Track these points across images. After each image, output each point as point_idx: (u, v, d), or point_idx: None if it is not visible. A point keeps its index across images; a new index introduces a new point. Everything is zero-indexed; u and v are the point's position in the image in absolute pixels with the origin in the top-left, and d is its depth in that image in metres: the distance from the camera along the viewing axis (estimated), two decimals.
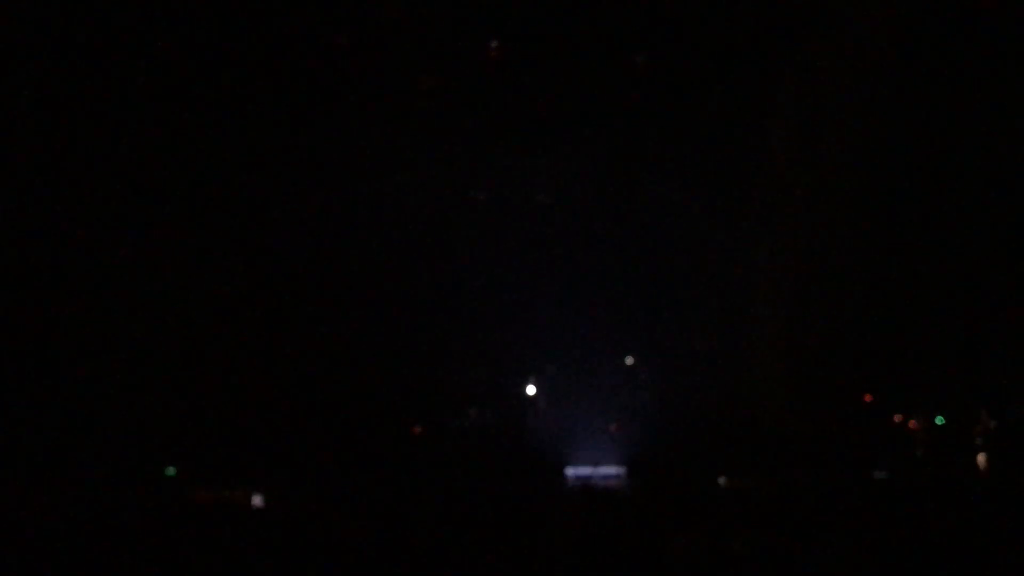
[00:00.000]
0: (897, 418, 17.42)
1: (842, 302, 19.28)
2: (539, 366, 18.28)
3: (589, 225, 19.16)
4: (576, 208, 18.49)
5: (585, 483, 9.20)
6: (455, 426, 16.49)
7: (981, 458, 16.33)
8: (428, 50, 16.61)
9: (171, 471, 14.21)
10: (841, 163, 18.27)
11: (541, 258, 19.78)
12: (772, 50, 17.74)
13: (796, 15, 17.62)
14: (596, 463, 15.43)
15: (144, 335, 15.35)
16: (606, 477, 14.77)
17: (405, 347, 16.94)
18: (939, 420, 17.42)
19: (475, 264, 19.71)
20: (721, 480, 12.01)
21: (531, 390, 18.11)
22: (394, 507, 8.06)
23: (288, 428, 15.51)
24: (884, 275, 18.93)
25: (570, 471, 15.13)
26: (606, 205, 18.61)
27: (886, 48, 17.71)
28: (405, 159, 16.89)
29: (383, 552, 5.88)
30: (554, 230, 18.67)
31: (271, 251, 16.97)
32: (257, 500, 8.77)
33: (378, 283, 18.30)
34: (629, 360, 19.38)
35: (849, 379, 17.99)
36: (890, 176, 18.13)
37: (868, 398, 17.71)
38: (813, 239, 18.78)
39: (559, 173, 17.92)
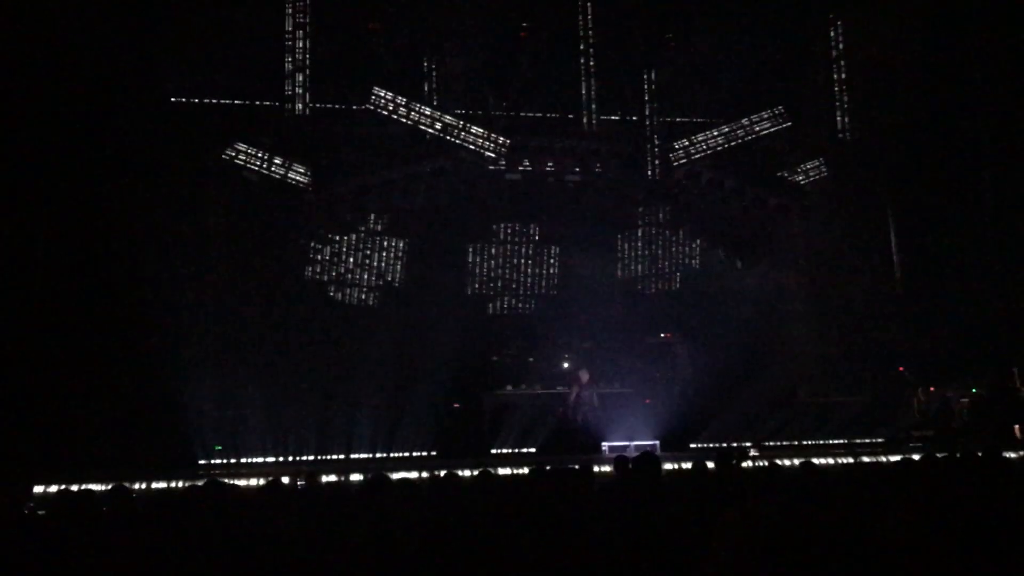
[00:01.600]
0: (931, 389, 17.48)
1: (874, 278, 19.35)
2: (574, 343, 18.50)
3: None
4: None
5: (621, 457, 9.32)
6: (491, 402, 16.70)
7: (1017, 428, 16.38)
8: None
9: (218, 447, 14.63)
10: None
11: (574, 234, 20.04)
12: None
13: None
14: (631, 437, 15.58)
15: None
16: (640, 449, 14.90)
17: (448, 327, 17.21)
18: (974, 391, 17.49)
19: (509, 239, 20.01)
20: (753, 452, 12.17)
21: (565, 366, 18.33)
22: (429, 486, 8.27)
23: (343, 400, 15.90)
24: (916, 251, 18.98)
25: (605, 445, 15.30)
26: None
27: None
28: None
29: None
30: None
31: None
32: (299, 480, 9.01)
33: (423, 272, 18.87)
34: (663, 335, 19.55)
35: (883, 351, 18.09)
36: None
37: (901, 369, 17.79)
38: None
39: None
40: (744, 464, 9.48)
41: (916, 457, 8.41)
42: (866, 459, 12.66)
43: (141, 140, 16.16)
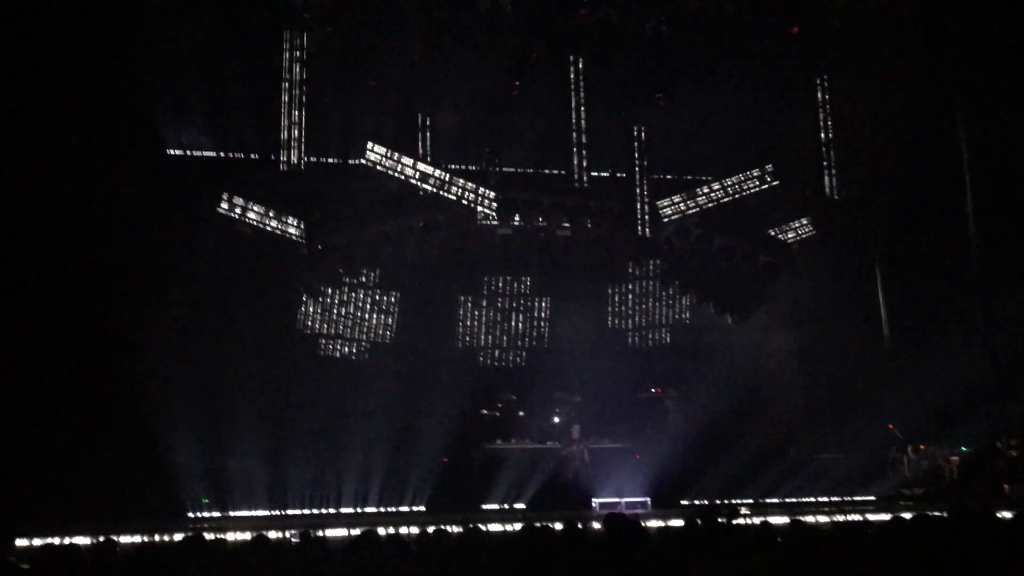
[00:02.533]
0: (921, 447, 17.48)
1: (863, 335, 19.49)
2: (564, 397, 18.49)
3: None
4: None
5: (611, 514, 9.27)
6: (479, 456, 16.61)
7: (1006, 487, 16.37)
8: None
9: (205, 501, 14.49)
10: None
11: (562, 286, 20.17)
12: None
13: None
14: (621, 493, 15.51)
15: None
16: (631, 506, 14.83)
17: (439, 381, 17.25)
18: (963, 449, 17.49)
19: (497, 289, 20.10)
20: (743, 510, 12.12)
21: (556, 420, 18.29)
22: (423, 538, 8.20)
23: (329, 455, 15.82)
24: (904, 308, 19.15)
25: (596, 502, 15.21)
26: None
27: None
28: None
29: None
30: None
31: None
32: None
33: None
34: (654, 390, 19.57)
35: (872, 409, 18.13)
36: None
37: (891, 427, 17.81)
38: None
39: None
40: (735, 521, 9.43)
41: (906, 516, 8.40)
42: (856, 517, 12.61)
43: (136, 193, 16.27)
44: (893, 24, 17.76)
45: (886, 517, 10.46)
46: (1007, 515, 8.09)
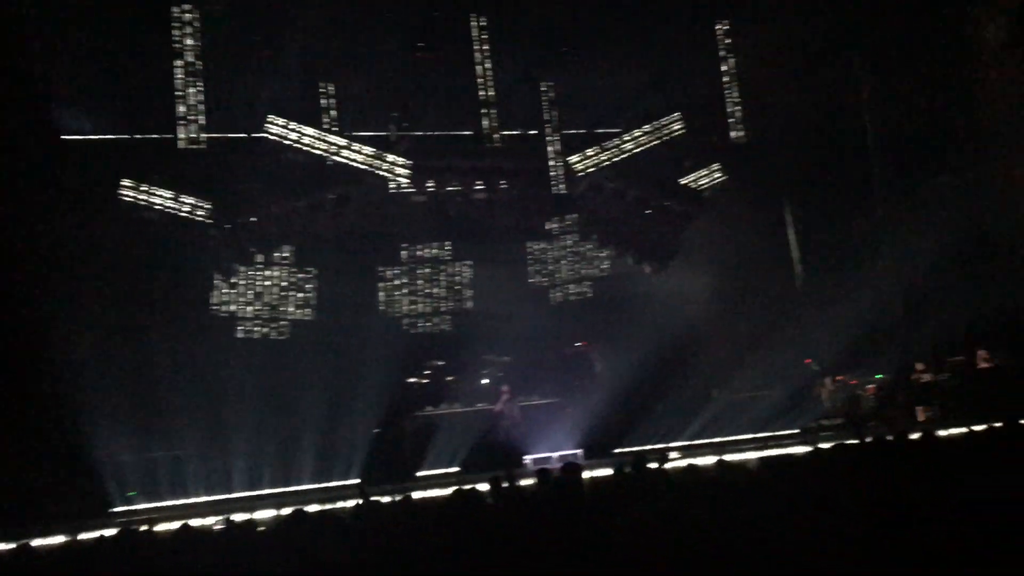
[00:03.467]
0: (838, 378, 18.08)
1: (776, 275, 20.00)
2: (492, 359, 18.53)
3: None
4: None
5: (543, 470, 9.37)
6: (410, 425, 16.59)
7: (921, 410, 17.06)
8: None
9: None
10: None
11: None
12: None
13: None
14: (553, 448, 15.68)
15: None
16: (563, 459, 14.99)
17: (364, 353, 17.07)
18: (878, 376, 18.16)
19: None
20: (672, 454, 12.39)
21: (485, 381, 18.34)
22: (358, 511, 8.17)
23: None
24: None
25: (528, 458, 15.36)
26: None
27: None
28: None
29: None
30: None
31: None
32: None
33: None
34: (579, 344, 19.77)
35: (789, 346, 18.65)
36: None
37: (808, 361, 18.36)
38: None
39: None
40: (665, 466, 9.63)
41: (826, 446, 8.69)
42: (779, 451, 13.00)
43: (34, 179, 15.64)
44: None
45: (807, 449, 10.81)
46: (915, 436, 8.42)
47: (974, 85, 19.09)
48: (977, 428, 9.45)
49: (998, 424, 8.47)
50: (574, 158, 17.78)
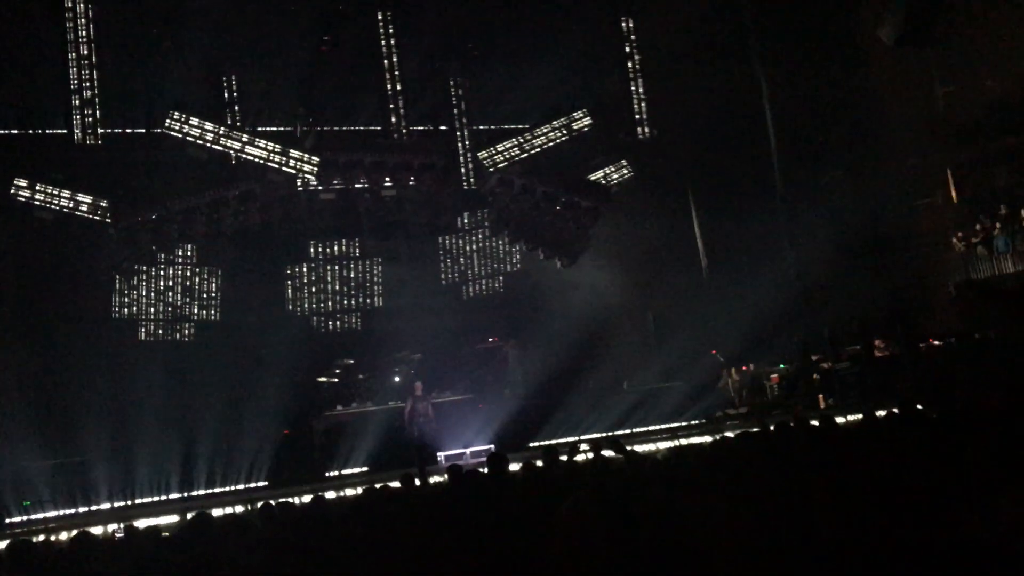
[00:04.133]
0: (744, 368, 18.58)
1: (682, 268, 20.45)
2: (404, 356, 18.40)
3: None
4: None
5: (454, 466, 9.36)
6: (320, 424, 16.36)
7: (821, 398, 17.65)
8: None
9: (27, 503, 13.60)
10: None
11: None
12: None
13: None
14: (467, 444, 15.66)
15: None
16: (476, 455, 15.01)
17: (271, 352, 16.75)
18: (781, 366, 18.73)
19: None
20: (583, 446, 12.50)
21: (397, 379, 18.20)
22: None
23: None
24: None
25: (441, 455, 15.31)
26: None
27: None
28: None
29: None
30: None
31: None
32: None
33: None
34: (491, 339, 19.80)
35: (695, 337, 19.08)
36: None
37: (713, 352, 18.81)
38: None
39: None
40: (576, 458, 9.72)
41: (730, 435, 8.90)
42: (684, 441, 13.26)
43: None
44: None
45: (713, 438, 11.07)
46: (815, 423, 8.69)
47: (868, 82, 19.82)
48: (877, 414, 9.80)
49: (895, 410, 8.82)
50: (483, 154, 17.77)
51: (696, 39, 18.51)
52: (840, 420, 10.83)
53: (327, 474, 15.45)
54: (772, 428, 8.73)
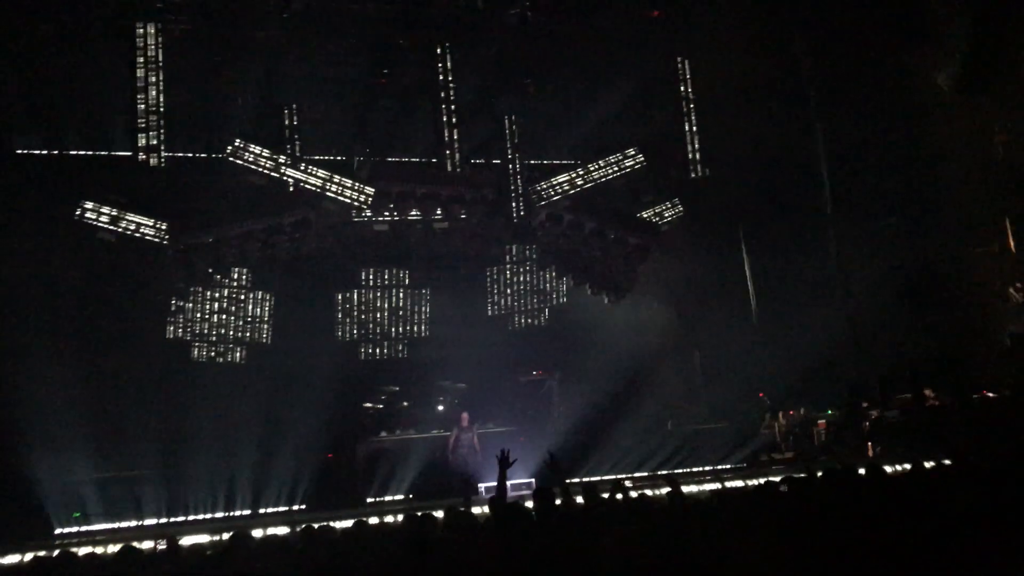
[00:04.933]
0: (791, 412, 18.31)
1: (732, 309, 20.29)
2: (448, 385, 18.47)
3: None
4: None
5: (494, 498, 9.34)
6: (363, 450, 16.45)
7: (870, 446, 17.31)
8: None
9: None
10: None
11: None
12: None
13: None
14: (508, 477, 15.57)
15: None
16: (516, 488, 14.95)
17: (319, 377, 16.92)
18: (829, 412, 18.42)
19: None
20: (628, 483, 12.38)
21: (440, 408, 18.27)
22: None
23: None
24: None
25: (482, 486, 15.27)
26: None
27: None
28: None
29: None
30: None
31: None
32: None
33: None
34: (535, 372, 19.78)
35: (743, 379, 18.88)
36: None
37: (761, 395, 18.58)
38: None
39: None
40: (618, 496, 9.64)
41: (776, 479, 8.78)
42: (730, 484, 13.09)
43: None
44: (750, 5, 18.43)
45: (759, 482, 10.91)
46: (862, 471, 8.54)
47: (925, 128, 19.62)
48: (925, 464, 9.61)
49: (944, 461, 8.65)
50: (534, 188, 17.90)
51: (752, 80, 18.52)
52: (888, 469, 10.63)
53: (368, 500, 15.51)
54: (819, 474, 8.61)
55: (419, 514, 7.54)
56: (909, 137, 20.00)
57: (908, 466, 11.45)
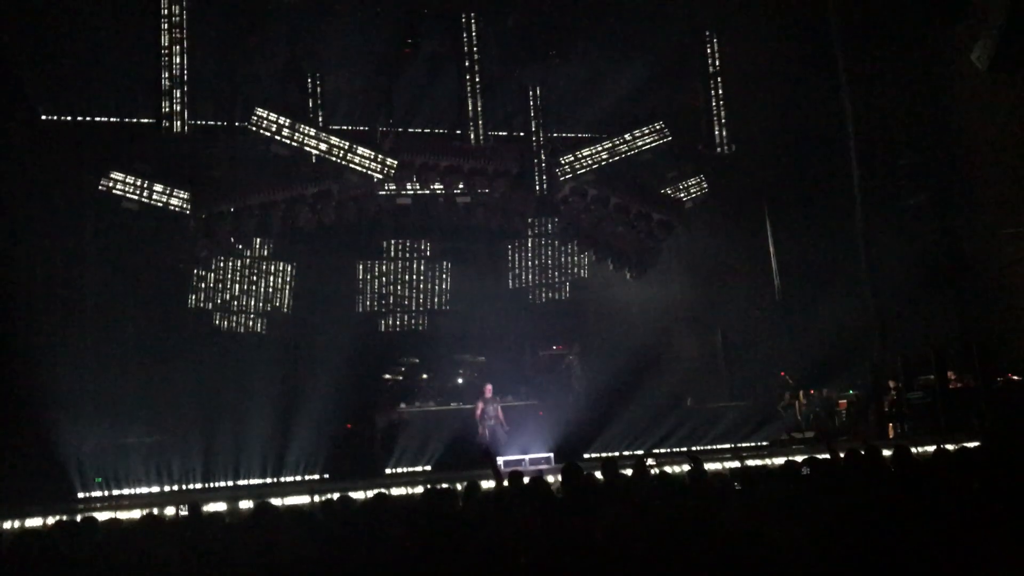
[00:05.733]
0: (811, 392, 18.19)
1: (754, 287, 20.10)
2: (468, 359, 18.47)
3: None
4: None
5: (514, 471, 9.32)
6: (382, 421, 16.48)
7: (891, 426, 17.19)
8: None
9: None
10: None
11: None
12: None
13: None
14: (525, 450, 15.61)
15: None
16: (535, 462, 14.94)
17: (339, 347, 16.93)
18: (851, 392, 18.29)
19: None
20: (649, 460, 12.35)
21: (460, 381, 18.28)
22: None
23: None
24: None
25: (500, 460, 15.27)
26: None
27: None
28: None
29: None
30: None
31: None
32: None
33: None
34: (556, 347, 19.75)
35: (764, 357, 18.75)
36: None
37: (783, 374, 18.45)
38: None
39: None
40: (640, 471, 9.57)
41: (798, 459, 8.70)
42: (751, 462, 13.02)
43: (9, 159, 15.44)
44: None
45: (780, 461, 10.83)
46: (887, 453, 8.45)
47: (956, 106, 19.29)
48: (947, 447, 9.49)
49: (967, 444, 8.54)
50: (564, 159, 17.74)
51: (781, 55, 18.24)
52: (913, 450, 10.52)
53: (386, 471, 15.56)
54: (842, 455, 8.53)
55: (440, 487, 7.52)
56: (939, 115, 19.67)
57: (931, 449, 11.35)
